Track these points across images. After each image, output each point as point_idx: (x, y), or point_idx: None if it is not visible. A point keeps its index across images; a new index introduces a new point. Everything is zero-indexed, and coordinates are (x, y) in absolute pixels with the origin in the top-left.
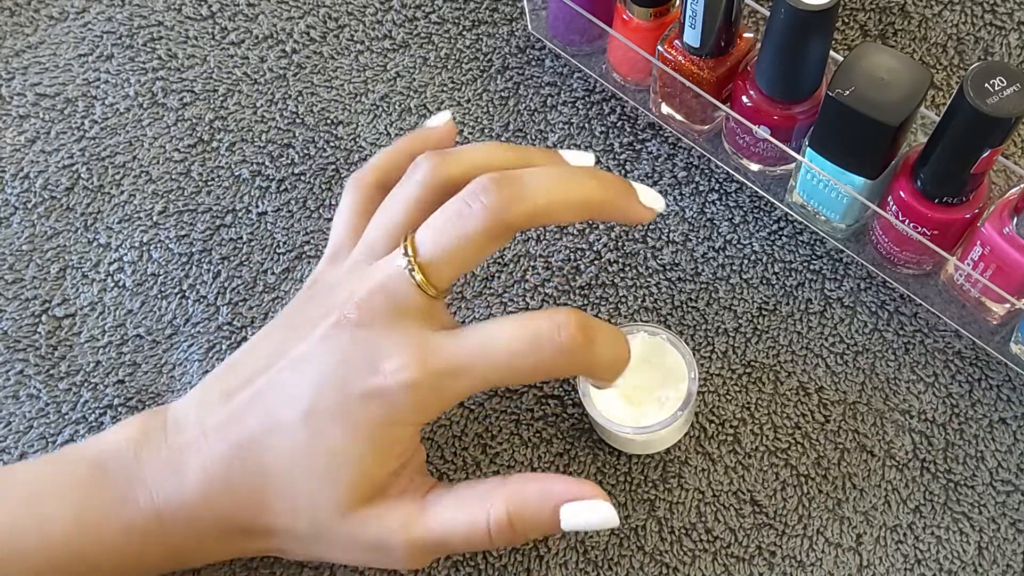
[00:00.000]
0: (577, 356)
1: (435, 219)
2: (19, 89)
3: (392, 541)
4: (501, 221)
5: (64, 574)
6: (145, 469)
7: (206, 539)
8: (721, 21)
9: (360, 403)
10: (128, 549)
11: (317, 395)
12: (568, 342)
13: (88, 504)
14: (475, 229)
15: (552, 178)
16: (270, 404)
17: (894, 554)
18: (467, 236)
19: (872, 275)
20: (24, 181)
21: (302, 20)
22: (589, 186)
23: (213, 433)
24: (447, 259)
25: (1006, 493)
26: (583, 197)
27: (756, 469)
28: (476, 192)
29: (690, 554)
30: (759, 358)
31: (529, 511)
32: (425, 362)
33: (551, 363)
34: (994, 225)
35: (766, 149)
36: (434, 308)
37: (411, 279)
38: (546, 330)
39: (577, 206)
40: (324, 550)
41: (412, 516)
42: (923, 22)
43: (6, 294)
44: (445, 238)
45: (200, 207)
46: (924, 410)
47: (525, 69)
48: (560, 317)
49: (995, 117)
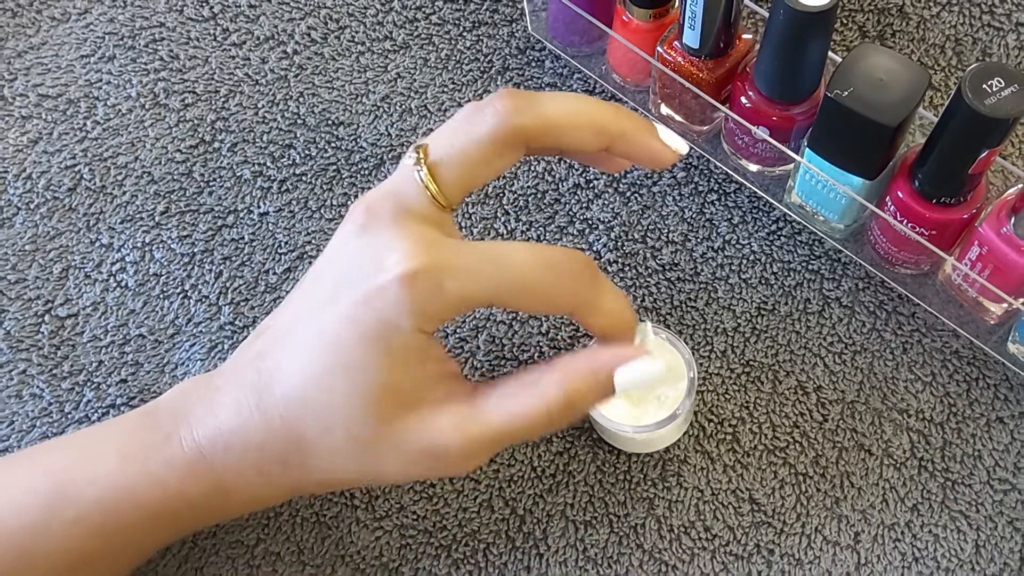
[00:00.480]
0: (583, 291)
1: (447, 124)
2: (21, 90)
3: (445, 442)
4: (511, 125)
5: (112, 513)
6: (189, 411)
7: (245, 471)
8: (720, 22)
9: (365, 306)
10: (171, 483)
11: (329, 309)
12: (581, 270)
13: (133, 441)
14: (485, 132)
15: (570, 99)
16: (289, 325)
17: (892, 552)
18: (477, 139)
19: (870, 275)
20: (27, 182)
21: (303, 21)
22: (607, 113)
23: (243, 368)
24: (456, 162)
25: (1003, 492)
26: (598, 121)
27: (755, 468)
28: (491, 98)
29: (689, 552)
30: (758, 357)
31: (585, 385)
32: (426, 253)
33: (558, 288)
34: (992, 225)
35: (765, 150)
36: (444, 219)
37: (419, 180)
38: (561, 256)
39: (591, 128)
40: (373, 466)
41: (464, 415)
42: (921, 23)
43: (9, 294)
44: (455, 139)
45: (202, 207)
46: (922, 409)
47: (525, 70)
48: (577, 253)
49: (993, 118)
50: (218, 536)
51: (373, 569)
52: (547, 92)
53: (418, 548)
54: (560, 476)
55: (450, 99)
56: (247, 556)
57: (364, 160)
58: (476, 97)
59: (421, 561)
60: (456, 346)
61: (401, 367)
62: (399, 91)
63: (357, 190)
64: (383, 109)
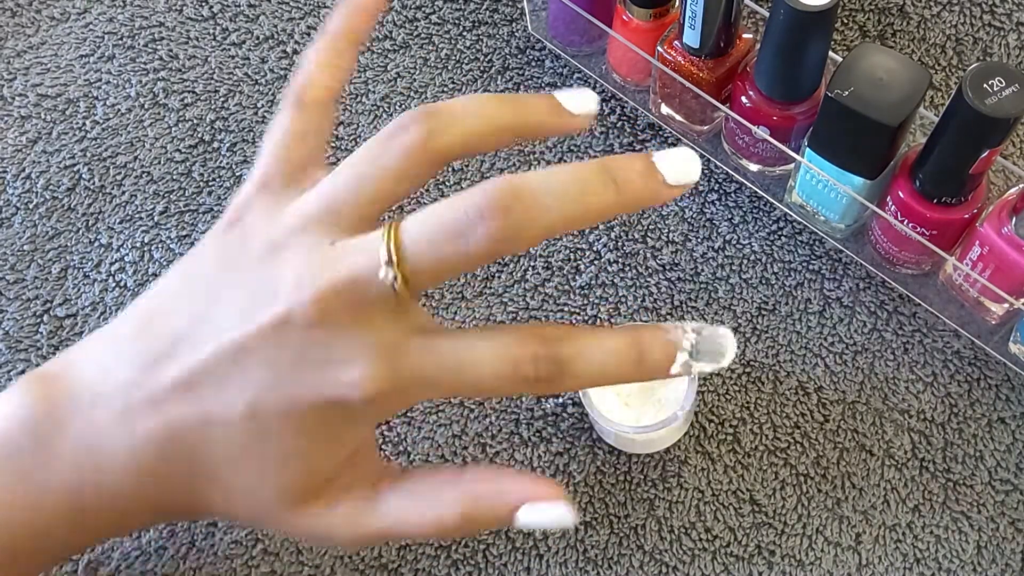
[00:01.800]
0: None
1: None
2: (21, 90)
3: (335, 534)
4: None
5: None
6: (57, 446)
7: (130, 521)
8: (721, 22)
9: (314, 410)
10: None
11: (263, 396)
12: (545, 375)
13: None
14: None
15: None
16: (205, 395)
17: (893, 553)
18: (468, 257)
19: (871, 275)
20: (26, 181)
21: (303, 21)
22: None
23: (138, 414)
24: (437, 271)
25: (1005, 492)
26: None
27: (755, 468)
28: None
29: (689, 553)
30: (758, 358)
31: (484, 509)
32: (394, 372)
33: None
34: (993, 225)
35: (765, 149)
36: (407, 305)
37: (388, 280)
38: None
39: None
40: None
41: (360, 510)
42: (922, 23)
43: (8, 294)
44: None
45: (201, 207)
46: (923, 409)
47: (525, 70)
48: (540, 351)
49: (994, 117)
50: (217, 536)
51: (372, 570)
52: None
53: (417, 549)
54: (560, 476)
55: (450, 99)
56: (245, 556)
57: None
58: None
59: (420, 562)
60: None
61: (332, 452)
62: (399, 91)
63: None
64: (383, 109)
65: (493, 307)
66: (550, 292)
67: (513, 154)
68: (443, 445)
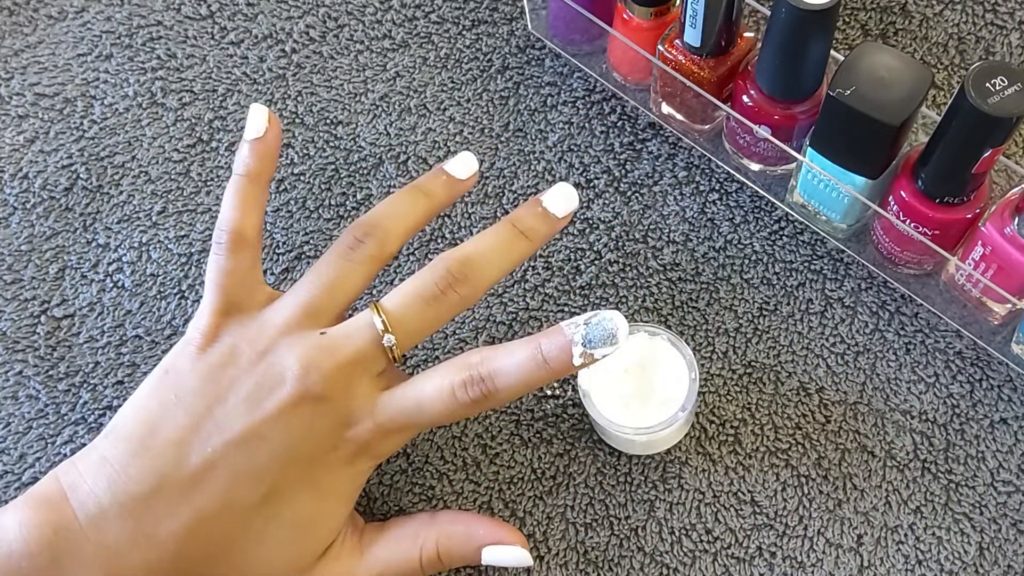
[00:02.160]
0: (490, 404)
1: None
2: (18, 89)
3: None
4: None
5: None
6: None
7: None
8: (722, 21)
9: (327, 472)
10: None
11: (281, 473)
12: (478, 395)
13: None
14: (450, 312)
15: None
16: (219, 488)
17: (895, 555)
18: (442, 317)
19: (873, 275)
20: (23, 181)
21: (301, 20)
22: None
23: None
24: (420, 331)
25: (1007, 494)
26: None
27: (756, 470)
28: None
29: (690, 555)
30: (760, 358)
31: (455, 548)
32: (381, 426)
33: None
34: (995, 225)
35: (767, 149)
36: (391, 366)
37: (386, 347)
38: (458, 387)
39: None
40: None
41: (353, 565)
42: (924, 21)
43: (5, 294)
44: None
45: (199, 207)
46: (925, 410)
47: (525, 69)
48: (466, 376)
49: (996, 117)
50: None
51: None
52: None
53: None
54: (560, 478)
55: (449, 98)
56: None
57: (363, 159)
58: (476, 95)
59: None
60: (456, 347)
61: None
62: (398, 90)
63: (356, 189)
64: (382, 108)
65: (493, 307)
66: (550, 292)
67: (513, 154)
68: (443, 446)
